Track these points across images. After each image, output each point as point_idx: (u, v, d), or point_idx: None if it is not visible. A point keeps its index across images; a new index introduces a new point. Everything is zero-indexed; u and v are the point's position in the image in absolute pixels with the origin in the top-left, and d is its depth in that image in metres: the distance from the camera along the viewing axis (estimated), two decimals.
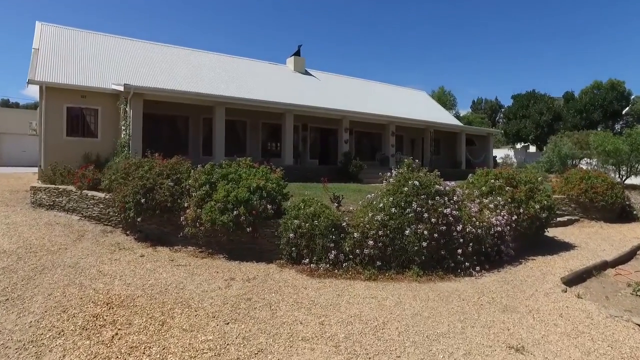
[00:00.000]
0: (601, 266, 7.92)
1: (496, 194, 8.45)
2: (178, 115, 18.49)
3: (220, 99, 15.90)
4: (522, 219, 8.32)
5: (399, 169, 7.72)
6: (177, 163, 8.97)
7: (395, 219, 6.87)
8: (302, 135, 21.83)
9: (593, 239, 10.71)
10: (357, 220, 7.07)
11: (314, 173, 17.84)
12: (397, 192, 7.18)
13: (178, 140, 18.87)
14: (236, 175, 8.06)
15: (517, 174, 9.20)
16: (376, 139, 23.71)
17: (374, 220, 6.86)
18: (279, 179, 8.20)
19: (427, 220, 6.83)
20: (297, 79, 24.43)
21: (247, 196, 7.44)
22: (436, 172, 7.73)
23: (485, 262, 7.35)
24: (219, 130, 15.98)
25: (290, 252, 7.21)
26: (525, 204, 8.50)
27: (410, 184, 7.17)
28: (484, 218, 7.56)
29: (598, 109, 38.84)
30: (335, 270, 6.80)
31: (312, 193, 12.11)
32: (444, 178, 7.71)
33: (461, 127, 27.13)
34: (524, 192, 8.58)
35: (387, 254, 6.80)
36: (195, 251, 8.01)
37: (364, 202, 7.64)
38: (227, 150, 18.02)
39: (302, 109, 17.85)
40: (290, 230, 7.16)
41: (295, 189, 12.92)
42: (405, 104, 27.50)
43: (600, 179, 13.84)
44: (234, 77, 21.18)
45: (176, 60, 20.75)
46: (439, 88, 51.11)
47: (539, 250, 8.91)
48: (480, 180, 9.05)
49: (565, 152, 21.99)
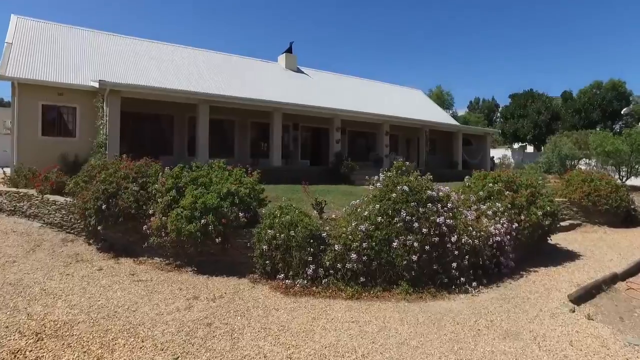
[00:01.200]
0: (611, 279, 7.17)
1: (495, 199, 7.69)
2: (162, 114, 17.67)
3: (203, 96, 15.10)
4: (524, 227, 7.57)
5: (387, 172, 6.95)
6: (145, 165, 8.17)
7: (382, 229, 6.09)
8: (293, 135, 21.06)
9: (598, 246, 9.98)
10: (339, 230, 6.30)
11: (304, 174, 17.04)
12: (385, 199, 6.41)
13: (162, 141, 18.07)
14: (207, 179, 7.27)
15: (517, 177, 8.45)
16: (370, 139, 22.96)
17: (357, 231, 6.08)
18: (254, 182, 7.41)
19: (418, 231, 6.06)
20: (288, 76, 23.64)
21: (217, 203, 6.65)
22: (428, 176, 6.96)
23: (482, 276, 6.60)
24: (203, 129, 15.18)
25: (264, 266, 6.42)
26: (527, 210, 7.74)
27: (399, 189, 6.40)
28: (481, 227, 6.80)
29: (597, 108, 38.21)
30: (313, 287, 6.02)
31: (298, 197, 11.33)
32: (440, 179, 6.99)
33: (458, 126, 26.40)
34: (525, 197, 7.82)
35: (373, 268, 6.02)
36: (161, 263, 7.22)
37: (348, 209, 6.86)
38: (213, 150, 17.21)
39: (291, 107, 17.06)
40: (264, 241, 6.38)
41: (281, 193, 12.14)
42: (400, 103, 26.74)
43: (603, 181, 13.11)
44: (222, 75, 20.37)
45: (161, 56, 19.92)
46: (436, 87, 50.46)
47: (541, 260, 8.16)
48: (478, 183, 8.29)
49: (565, 152, 21.28)
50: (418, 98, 30.82)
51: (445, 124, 25.23)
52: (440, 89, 49.94)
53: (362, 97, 24.79)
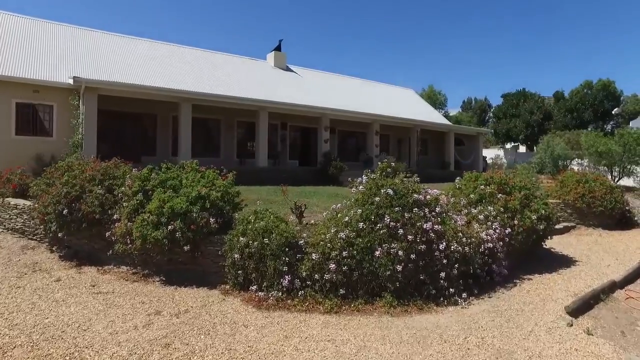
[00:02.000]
0: (609, 288, 6.72)
1: (486, 203, 7.22)
2: (145, 113, 17.07)
3: (184, 94, 14.53)
4: (517, 232, 7.10)
5: (371, 174, 6.45)
6: (113, 166, 7.59)
7: (364, 236, 5.59)
8: (281, 134, 20.52)
9: (594, 250, 9.56)
10: (317, 237, 5.78)
11: (291, 175, 16.54)
12: (367, 203, 5.91)
13: (145, 141, 17.48)
14: (177, 181, 6.73)
15: (510, 179, 7.99)
16: (361, 139, 22.49)
17: (337, 238, 5.56)
18: (227, 185, 6.86)
19: (403, 238, 5.56)
20: (277, 75, 23.09)
21: (185, 207, 6.11)
22: (415, 178, 6.46)
23: (473, 286, 6.11)
24: (185, 129, 14.60)
25: (236, 277, 5.89)
26: (520, 214, 7.28)
27: (382, 192, 5.89)
28: (472, 233, 6.32)
29: (589, 108, 38.04)
30: (289, 300, 5.50)
31: (281, 199, 10.81)
32: (431, 180, 6.54)
33: (449, 126, 26.01)
34: (519, 200, 7.36)
35: (354, 279, 5.51)
36: (127, 272, 6.66)
37: (329, 214, 6.35)
38: (197, 151, 16.64)
39: (277, 106, 16.53)
40: (236, 249, 5.85)
41: (264, 195, 11.61)
42: (391, 102, 26.29)
43: (598, 182, 12.73)
44: (208, 72, 19.78)
45: (144, 53, 19.29)
46: (428, 87, 50.09)
47: (535, 266, 7.71)
48: (469, 185, 7.81)
49: (557, 152, 20.95)
50: (409, 97, 30.40)
51: (436, 124, 24.83)
52: (433, 89, 49.59)
53: (353, 96, 24.31)
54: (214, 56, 21.94)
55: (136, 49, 19.27)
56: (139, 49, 19.43)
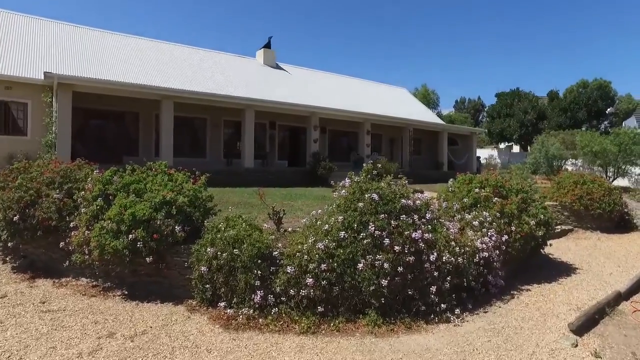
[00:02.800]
0: (614, 300, 6.18)
1: (481, 207, 6.66)
2: (127, 111, 16.39)
3: (165, 91, 13.86)
4: (514, 239, 6.55)
5: (355, 177, 5.86)
6: (76, 167, 6.94)
7: (346, 246, 4.99)
8: (270, 134, 19.91)
9: (594, 256, 9.05)
10: (293, 247, 5.17)
11: (279, 176, 15.94)
12: (350, 209, 5.31)
13: (127, 140, 16.79)
14: (142, 185, 6.09)
15: (506, 181, 7.43)
16: (352, 139, 21.91)
17: (315, 249, 4.96)
18: (197, 189, 6.24)
19: (389, 249, 4.98)
20: (266, 72, 22.45)
21: (148, 214, 5.48)
22: (404, 181, 5.88)
23: (467, 300, 5.55)
24: (166, 127, 13.94)
25: (204, 291, 5.28)
26: (518, 220, 6.73)
27: (367, 197, 5.30)
28: (466, 241, 5.75)
29: (582, 108, 37.74)
30: (261, 318, 4.89)
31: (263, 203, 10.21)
32: (424, 180, 6.01)
33: (443, 125, 25.51)
34: (516, 204, 6.81)
35: (334, 295, 4.92)
36: (86, 286, 6.02)
37: (308, 221, 5.75)
38: (181, 150, 16.02)
39: (264, 104, 15.90)
40: (203, 261, 5.23)
41: (247, 197, 10.99)
42: (384, 101, 25.74)
43: (596, 183, 12.24)
44: (193, 69, 19.10)
45: (127, 50, 18.56)
46: (422, 86, 49.60)
47: (533, 275, 7.17)
48: (462, 188, 7.25)
49: (552, 152, 20.51)
50: (402, 96, 29.87)
51: (429, 123, 24.31)
52: (426, 88, 49.10)
53: (344, 95, 23.72)
54: (200, 53, 21.26)
55: (118, 45, 18.55)
56: (122, 45, 18.71)
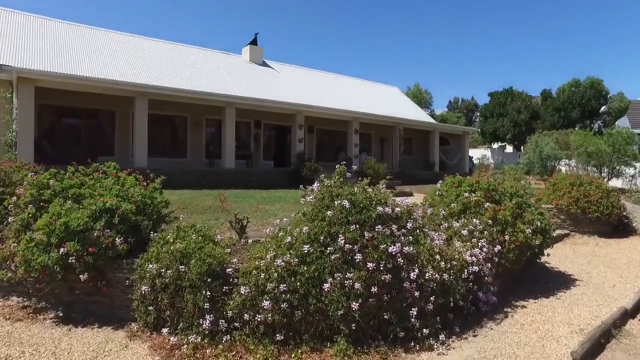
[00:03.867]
0: (621, 318, 5.49)
1: (471, 214, 5.94)
2: (101, 109, 15.56)
3: (139, 87, 13.04)
4: (508, 249, 5.84)
5: (326, 180, 5.13)
6: (12, 169, 6.14)
7: (310, 263, 4.25)
8: (255, 133, 19.13)
9: (593, 264, 8.38)
10: (250, 263, 4.42)
11: (262, 177, 15.19)
12: (318, 219, 4.57)
13: (102, 139, 15.96)
14: (86, 189, 5.31)
15: (499, 184, 6.72)
16: (341, 138, 21.19)
17: (274, 266, 4.22)
18: (149, 195, 5.46)
19: (362, 266, 4.24)
20: (251, 70, 21.67)
21: (84, 224, 4.71)
22: (381, 186, 5.15)
23: (454, 321, 4.83)
24: (140, 126, 13.12)
25: (147, 314, 4.52)
26: (512, 227, 6.02)
27: (337, 204, 4.56)
28: (453, 254, 5.02)
29: (576, 107, 37.30)
30: (210, 348, 4.13)
31: (236, 207, 9.45)
32: (415, 181, 5.36)
33: (434, 124, 24.85)
34: (510, 210, 6.10)
35: (296, 320, 4.17)
36: (16, 307, 5.25)
37: (272, 231, 5.00)
38: (160, 150, 15.26)
39: (246, 101, 15.12)
40: (146, 279, 4.47)
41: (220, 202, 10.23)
42: (375, 100, 25.04)
43: (593, 185, 11.60)
44: (173, 65, 18.27)
45: (100, 43, 17.64)
46: (414, 85, 48.93)
47: (529, 288, 6.48)
48: (450, 192, 6.53)
49: (547, 152, 19.91)
50: (393, 95, 29.21)
51: (420, 122, 23.65)
52: (419, 87, 48.44)
53: (333, 93, 23.00)
54: (180, 49, 20.42)
55: (90, 39, 17.62)
56: (94, 38, 17.79)
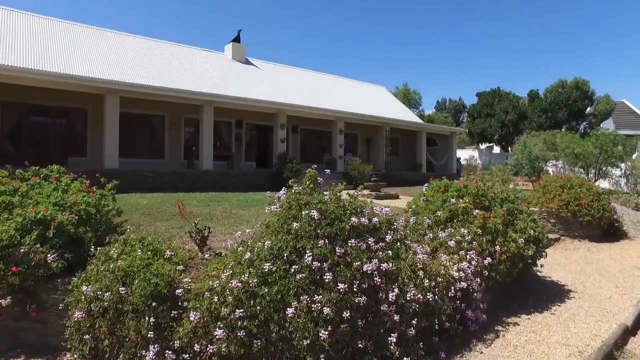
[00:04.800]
0: (622, 337, 4.99)
1: (459, 222, 5.40)
2: (72, 107, 14.76)
3: (109, 84, 12.28)
4: (499, 261, 5.30)
5: (295, 186, 4.53)
6: None
7: (273, 283, 3.64)
8: (236, 133, 18.45)
9: (587, 273, 7.93)
10: (204, 284, 3.80)
11: (242, 179, 14.55)
12: (283, 231, 3.96)
13: (73, 139, 15.15)
14: (16, 197, 4.63)
15: (489, 188, 6.19)
16: (326, 139, 20.61)
17: (229, 287, 3.60)
18: (94, 203, 4.80)
19: (332, 286, 3.65)
20: (233, 68, 20.97)
21: (8, 238, 4.04)
22: (358, 192, 4.57)
23: (439, 346, 4.26)
24: (111, 125, 12.38)
25: (82, 344, 3.86)
26: (503, 237, 5.49)
27: (305, 215, 3.96)
28: (439, 269, 4.46)
29: (563, 108, 37.22)
30: None
31: (208, 213, 8.81)
32: (401, 183, 4.83)
33: (421, 124, 24.40)
34: (501, 218, 5.56)
35: (255, 350, 3.56)
36: None
37: (234, 245, 4.37)
38: (135, 151, 14.55)
39: (224, 100, 14.45)
40: (82, 302, 3.82)
41: (193, 207, 9.56)
42: (361, 100, 24.51)
43: (584, 187, 11.20)
44: (150, 62, 17.49)
45: (68, 38, 16.75)
46: (402, 85, 48.58)
47: (521, 301, 5.96)
48: (436, 198, 5.98)
49: (535, 153, 19.59)
50: (381, 95, 28.72)
51: (407, 122, 23.18)
52: (407, 87, 48.11)
53: (319, 92, 22.41)
54: (158, 45, 19.61)
55: (59, 33, 16.72)
56: (63, 32, 16.87)
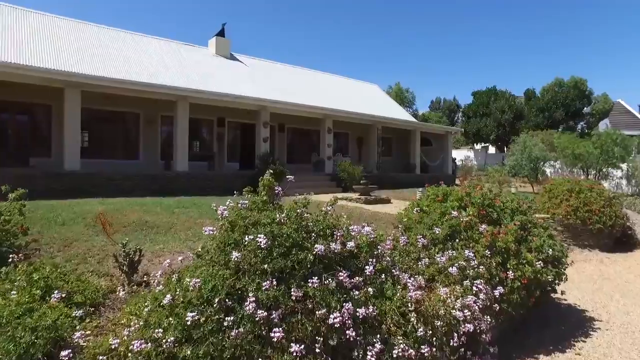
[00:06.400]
0: None
1: (462, 241, 4.28)
2: (34, 103, 13.52)
3: (68, 76, 11.05)
4: (512, 288, 4.20)
5: (240, 199, 3.40)
6: None
7: (200, 341, 2.50)
8: (218, 132, 17.28)
9: (606, 292, 6.88)
10: (105, 340, 2.65)
11: (220, 182, 13.39)
12: (218, 263, 2.82)
13: (35, 138, 13.89)
14: None
15: (496, 197, 5.08)
16: (315, 139, 19.49)
17: (133, 349, 2.45)
18: None
19: (284, 346, 2.51)
20: (216, 63, 19.77)
21: None
22: (328, 207, 3.44)
23: None
24: (71, 122, 11.14)
25: None
26: (516, 258, 4.38)
27: (249, 241, 2.82)
28: (436, 307, 3.34)
29: (560, 107, 36.39)
30: None
31: (167, 223, 7.67)
32: (394, 185, 3.73)
33: (415, 123, 23.32)
34: (513, 234, 4.45)
35: None
36: None
37: (159, 279, 3.22)
38: (106, 150, 13.36)
39: (201, 95, 13.26)
40: None
41: (158, 215, 8.40)
42: (352, 98, 23.40)
43: (594, 191, 10.17)
44: (124, 56, 16.25)
45: (30, 27, 15.46)
46: (395, 84, 47.48)
47: (537, 336, 4.87)
48: (433, 208, 4.86)
49: (536, 154, 18.58)
50: (373, 93, 27.63)
51: (400, 121, 22.09)
52: (400, 86, 47.02)
53: (307, 89, 21.27)
54: (136, 38, 18.37)
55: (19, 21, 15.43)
56: (23, 21, 15.57)
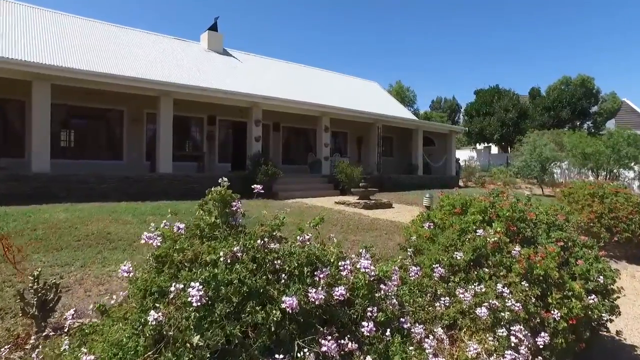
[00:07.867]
0: None
1: (490, 268, 3.25)
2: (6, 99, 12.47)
3: (35, 68, 9.99)
4: (556, 331, 3.16)
5: (176, 221, 2.37)
6: None
7: None
8: (208, 130, 16.24)
9: None
10: None
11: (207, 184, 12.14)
12: (134, 326, 1.78)
13: (7, 138, 12.88)
14: None
15: (528, 209, 4.04)
16: (312, 138, 18.43)
17: None
18: None
19: None
20: (208, 58, 18.75)
21: None
22: (305, 237, 2.41)
23: None
24: (40, 118, 10.08)
25: None
26: (559, 290, 3.35)
27: (178, 294, 1.78)
28: None
29: (566, 106, 35.30)
30: None
31: (130, 234, 6.64)
32: (395, 187, 2.78)
33: (417, 122, 22.25)
34: (555, 260, 3.42)
35: None
36: None
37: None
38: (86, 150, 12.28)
39: (187, 91, 12.20)
40: None
41: (132, 224, 7.37)
42: (351, 95, 22.36)
43: (620, 196, 9.11)
44: (108, 50, 15.23)
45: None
46: (396, 82, 46.44)
47: None
48: (450, 223, 3.81)
49: (547, 154, 17.55)
50: (373, 91, 26.58)
51: (401, 119, 21.03)
52: (401, 84, 45.96)
53: (303, 86, 20.24)
54: (123, 32, 17.34)
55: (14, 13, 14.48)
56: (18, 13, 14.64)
